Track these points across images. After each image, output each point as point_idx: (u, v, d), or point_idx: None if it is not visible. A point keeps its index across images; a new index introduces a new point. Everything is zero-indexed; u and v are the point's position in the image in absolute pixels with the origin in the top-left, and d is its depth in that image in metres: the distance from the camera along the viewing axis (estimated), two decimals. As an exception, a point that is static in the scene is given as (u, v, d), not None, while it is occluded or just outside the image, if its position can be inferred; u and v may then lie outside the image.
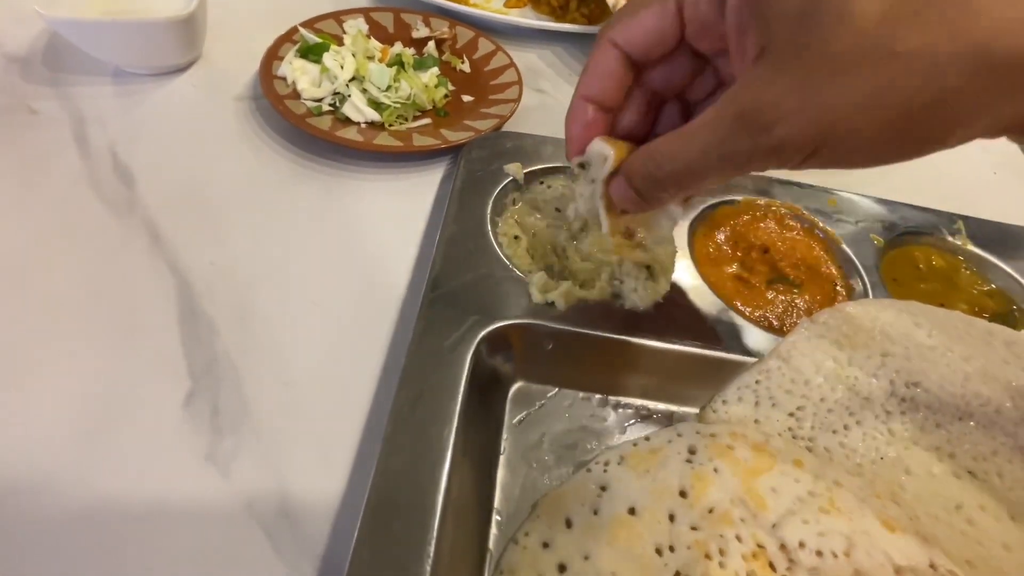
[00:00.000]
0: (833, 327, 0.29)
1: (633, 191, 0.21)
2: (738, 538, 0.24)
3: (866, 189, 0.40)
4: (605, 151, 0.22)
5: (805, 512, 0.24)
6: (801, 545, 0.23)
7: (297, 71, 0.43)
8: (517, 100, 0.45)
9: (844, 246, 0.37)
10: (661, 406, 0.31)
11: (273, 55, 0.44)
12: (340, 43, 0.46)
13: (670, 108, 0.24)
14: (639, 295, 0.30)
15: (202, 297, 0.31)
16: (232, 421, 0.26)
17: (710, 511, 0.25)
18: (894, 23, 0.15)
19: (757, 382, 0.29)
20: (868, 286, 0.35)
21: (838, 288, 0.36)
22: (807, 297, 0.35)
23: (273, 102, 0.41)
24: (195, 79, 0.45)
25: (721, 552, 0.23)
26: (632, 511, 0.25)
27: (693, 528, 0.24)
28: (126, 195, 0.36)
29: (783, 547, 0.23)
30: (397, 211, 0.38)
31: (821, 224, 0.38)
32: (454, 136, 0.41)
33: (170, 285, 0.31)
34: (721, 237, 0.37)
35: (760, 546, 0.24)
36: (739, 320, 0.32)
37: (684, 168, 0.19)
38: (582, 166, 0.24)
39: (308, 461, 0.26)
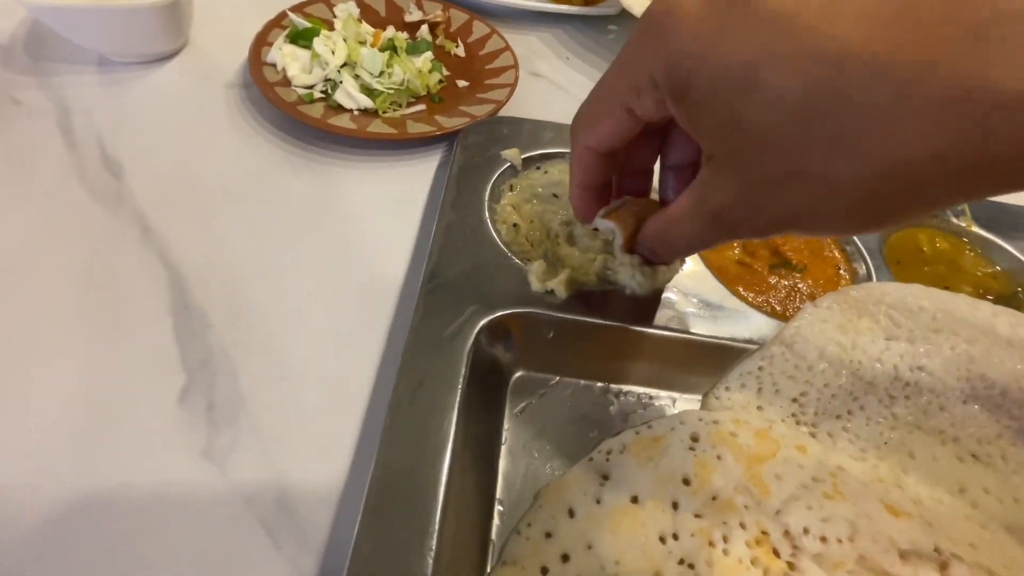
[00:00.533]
0: (836, 312, 0.29)
1: (658, 256, 0.25)
2: (742, 525, 0.24)
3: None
4: (612, 227, 0.26)
5: (809, 498, 0.24)
6: (805, 531, 0.23)
7: (287, 57, 0.42)
8: (513, 84, 0.44)
9: (847, 229, 0.36)
10: (663, 393, 0.30)
11: (262, 41, 0.43)
12: (331, 28, 0.45)
13: (674, 129, 0.24)
14: (638, 281, 0.30)
15: (195, 290, 0.30)
16: (228, 415, 0.26)
17: (713, 498, 0.24)
18: (815, 150, 0.15)
19: (760, 368, 0.29)
20: (872, 269, 0.34)
21: (841, 272, 0.35)
22: (810, 281, 0.34)
23: (263, 90, 0.40)
24: (183, 66, 0.44)
25: (725, 539, 0.23)
26: (635, 499, 0.25)
27: (696, 516, 0.24)
28: (115, 187, 0.35)
29: (787, 533, 0.23)
30: (393, 199, 0.37)
31: (824, 207, 0.38)
32: (449, 122, 0.40)
33: (162, 278, 0.31)
34: (722, 222, 0.36)
35: (764, 533, 0.23)
36: (741, 305, 0.31)
37: (685, 248, 0.22)
38: (595, 230, 0.28)
39: (307, 454, 0.25)
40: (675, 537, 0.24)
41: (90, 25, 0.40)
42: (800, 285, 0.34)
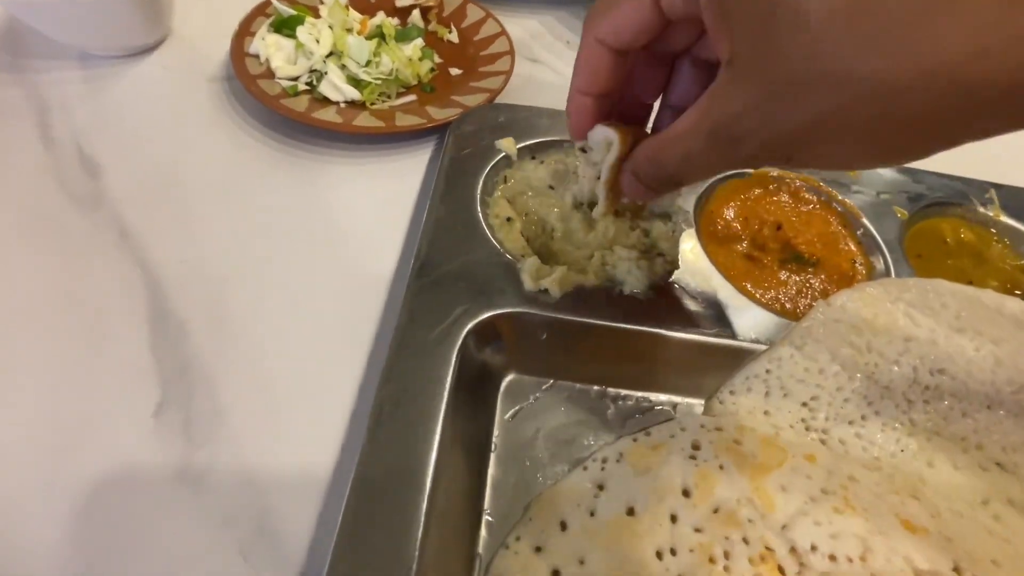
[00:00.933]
0: (851, 310, 0.27)
1: (643, 186, 0.23)
2: (745, 540, 0.22)
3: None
4: (610, 136, 0.23)
5: (817, 512, 0.23)
6: (813, 548, 0.22)
7: (270, 47, 0.40)
8: (509, 72, 0.42)
9: (864, 220, 0.34)
10: (663, 398, 0.29)
11: (245, 31, 0.41)
12: (316, 15, 0.43)
13: (683, 64, 0.24)
14: (634, 276, 0.28)
15: (173, 296, 0.29)
16: (206, 431, 0.25)
17: (715, 511, 0.23)
18: (852, 45, 0.14)
19: (768, 371, 0.27)
20: (890, 264, 0.32)
21: (857, 266, 0.33)
22: (823, 277, 0.32)
23: (246, 83, 0.38)
24: (164, 60, 0.43)
25: (726, 555, 0.22)
26: (631, 512, 0.23)
27: (696, 530, 0.23)
28: (92, 188, 0.34)
29: (793, 550, 0.22)
30: (381, 196, 0.36)
31: (840, 197, 0.35)
32: (440, 114, 0.38)
33: (139, 284, 0.30)
34: (730, 213, 0.34)
35: (769, 549, 0.22)
36: (749, 303, 0.29)
37: (677, 172, 0.21)
38: (583, 150, 0.25)
39: (287, 471, 0.24)
40: (673, 552, 0.22)
41: (65, 17, 0.38)
42: (812, 281, 0.32)
